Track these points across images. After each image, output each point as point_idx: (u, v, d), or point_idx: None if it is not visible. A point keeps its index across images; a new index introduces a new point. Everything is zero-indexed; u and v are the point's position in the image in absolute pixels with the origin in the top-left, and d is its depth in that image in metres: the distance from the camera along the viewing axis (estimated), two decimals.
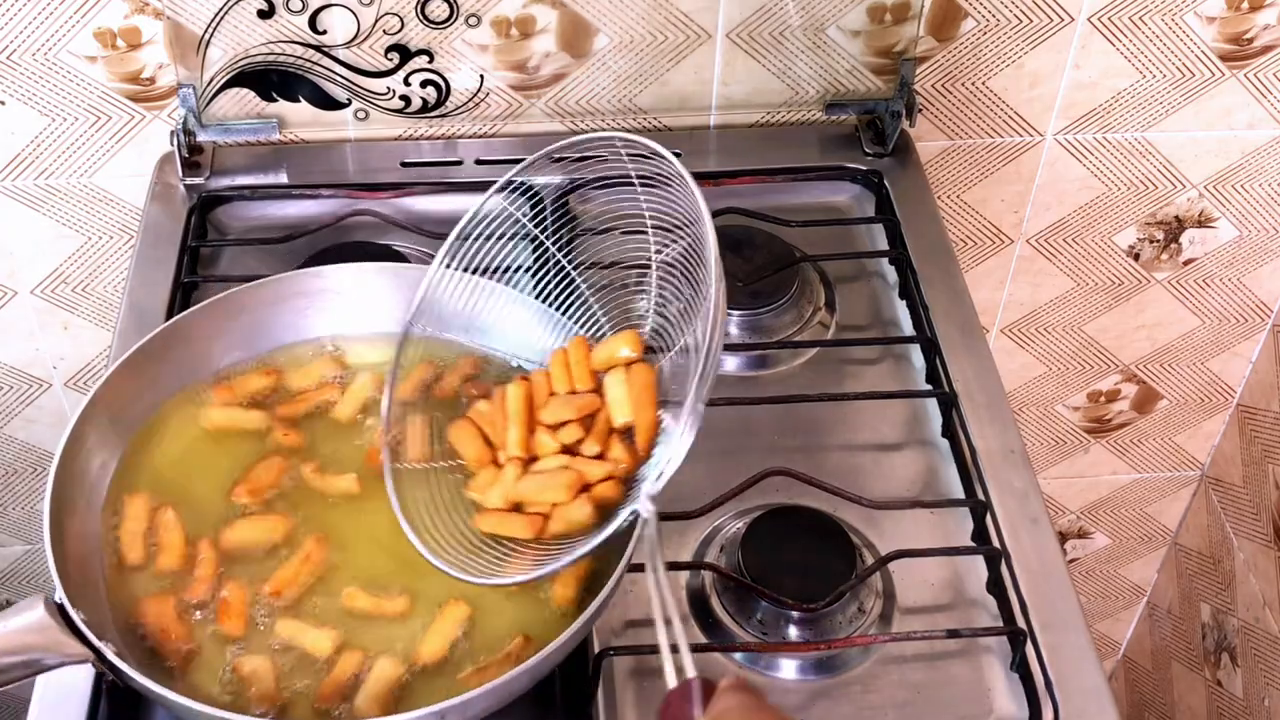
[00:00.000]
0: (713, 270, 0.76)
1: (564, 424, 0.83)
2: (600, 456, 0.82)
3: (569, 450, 0.83)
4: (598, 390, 0.84)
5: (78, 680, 0.85)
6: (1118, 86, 1.31)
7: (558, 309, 0.91)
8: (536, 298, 0.91)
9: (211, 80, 1.21)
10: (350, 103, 1.24)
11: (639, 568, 0.86)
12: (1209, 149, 1.37)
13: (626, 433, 0.83)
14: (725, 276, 1.12)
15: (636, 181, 0.85)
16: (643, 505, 0.75)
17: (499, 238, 0.91)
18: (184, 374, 0.91)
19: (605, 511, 0.80)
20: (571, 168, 0.89)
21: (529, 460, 0.84)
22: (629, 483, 0.81)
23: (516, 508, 0.82)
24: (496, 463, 0.85)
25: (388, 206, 1.18)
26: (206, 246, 1.17)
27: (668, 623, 0.69)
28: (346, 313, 0.95)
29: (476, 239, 0.91)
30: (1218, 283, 1.51)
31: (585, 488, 0.81)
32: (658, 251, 0.85)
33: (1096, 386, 1.62)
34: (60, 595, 0.75)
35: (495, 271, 0.92)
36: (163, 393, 0.90)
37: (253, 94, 1.22)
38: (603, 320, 0.89)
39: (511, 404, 0.85)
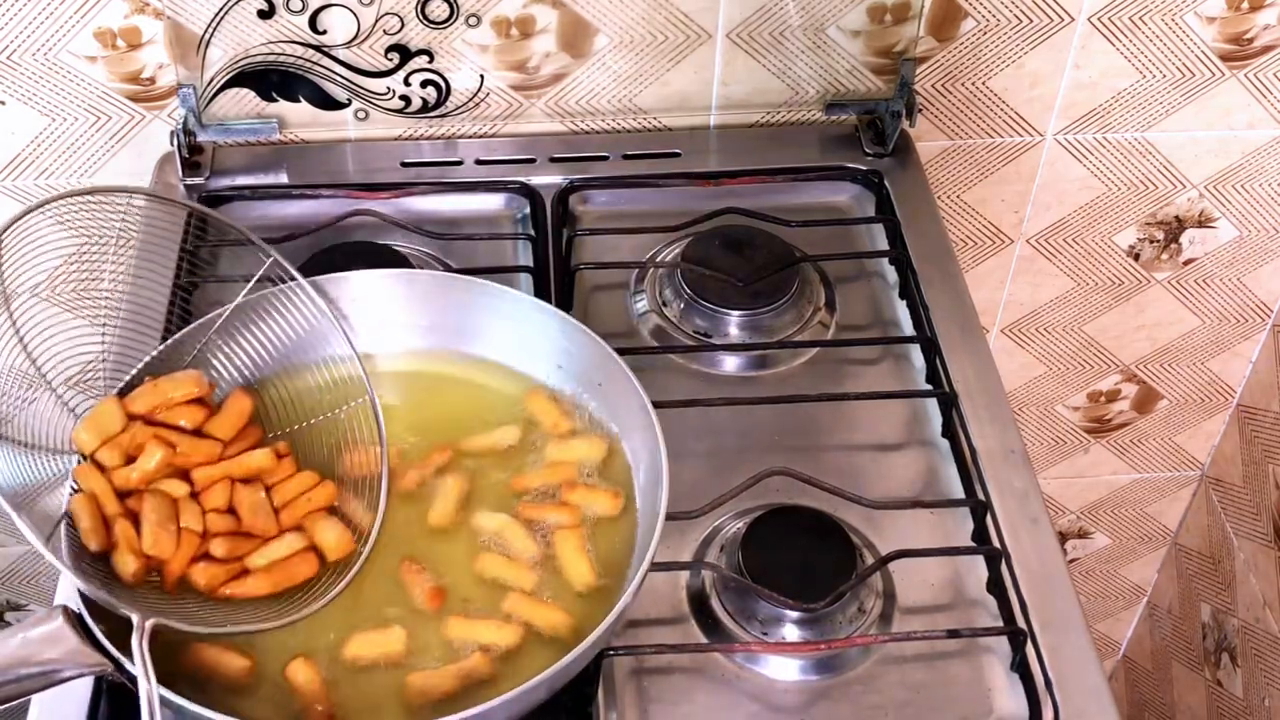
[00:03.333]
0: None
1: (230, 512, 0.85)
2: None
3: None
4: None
5: (78, 680, 0.85)
6: (1118, 86, 1.31)
7: None
8: None
9: (211, 80, 1.21)
10: (350, 103, 1.24)
11: (659, 569, 0.87)
12: (1209, 149, 1.37)
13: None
14: (726, 276, 1.13)
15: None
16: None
17: None
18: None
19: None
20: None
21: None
22: None
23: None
24: None
25: (388, 206, 1.18)
26: (206, 247, 1.17)
27: None
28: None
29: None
30: (1218, 283, 1.51)
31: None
32: None
33: (1096, 386, 1.62)
34: (78, 606, 0.75)
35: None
36: None
37: (253, 94, 1.22)
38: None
39: None
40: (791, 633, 0.91)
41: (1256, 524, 1.61)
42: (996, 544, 0.95)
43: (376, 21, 1.18)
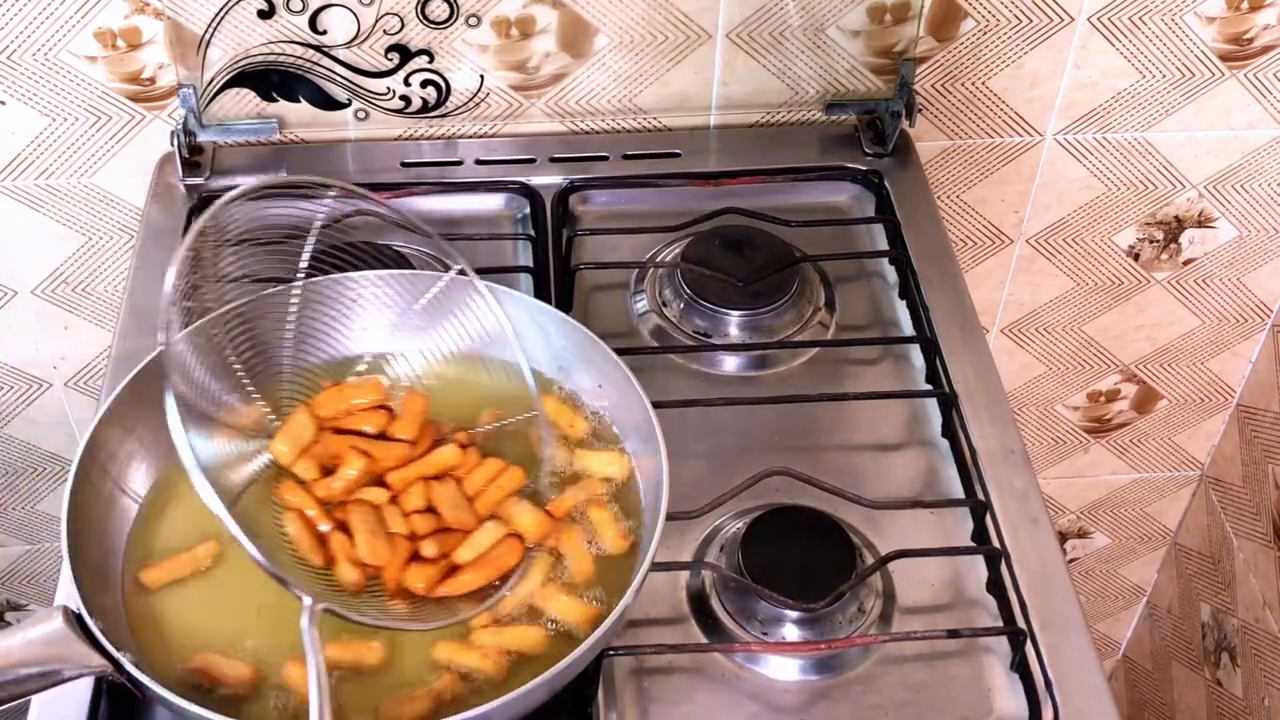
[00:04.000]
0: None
1: (430, 510, 0.85)
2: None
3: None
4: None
5: (78, 680, 0.85)
6: (1118, 86, 1.31)
7: None
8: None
9: (211, 80, 1.21)
10: (350, 103, 1.24)
11: (659, 569, 0.87)
12: (1209, 149, 1.37)
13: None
14: (726, 276, 1.12)
15: None
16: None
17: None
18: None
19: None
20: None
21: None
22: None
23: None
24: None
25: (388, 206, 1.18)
26: (206, 247, 1.17)
27: None
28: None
29: None
30: (1218, 283, 1.51)
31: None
32: None
33: (1096, 386, 1.62)
34: (78, 605, 0.75)
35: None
36: None
37: (253, 94, 1.22)
38: None
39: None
40: (791, 633, 0.91)
41: (1256, 524, 1.61)
42: (996, 544, 0.95)
43: (376, 21, 1.18)
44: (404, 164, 1.25)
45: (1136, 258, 1.47)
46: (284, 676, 0.78)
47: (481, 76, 1.23)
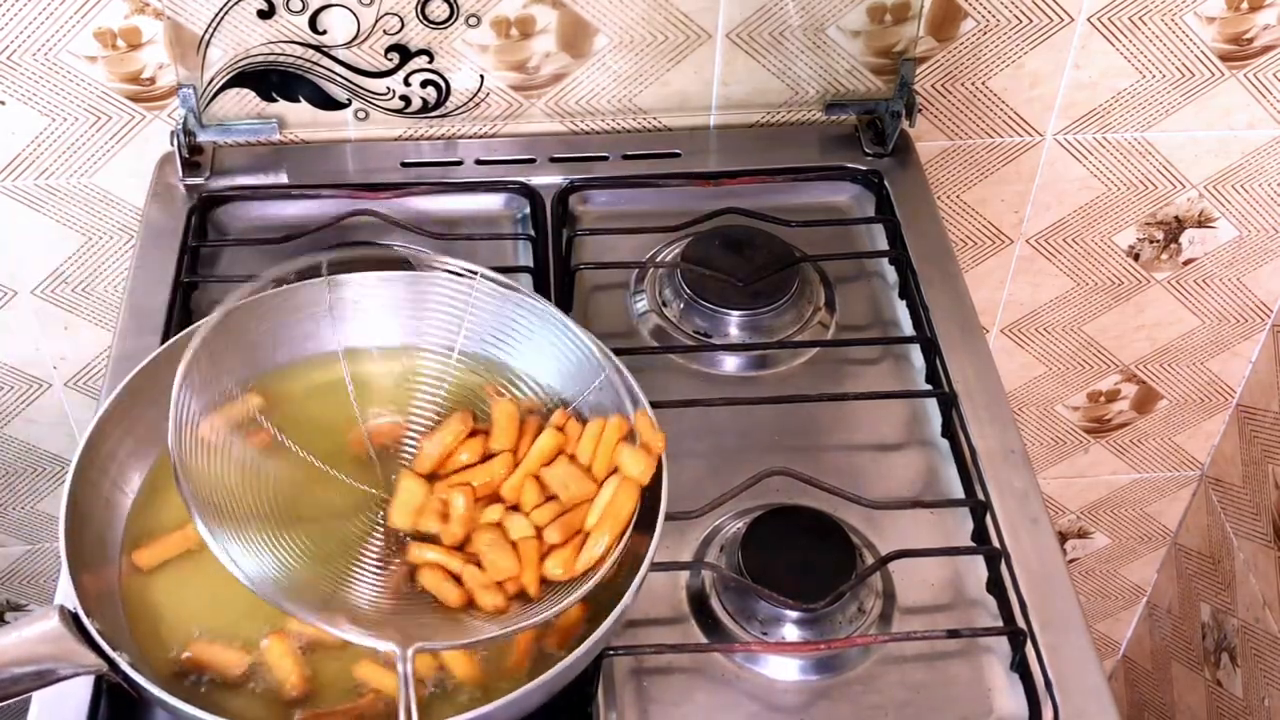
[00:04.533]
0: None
1: (549, 500, 0.85)
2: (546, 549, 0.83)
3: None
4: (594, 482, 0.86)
5: (79, 679, 0.85)
6: (1118, 86, 1.31)
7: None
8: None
9: (211, 80, 1.21)
10: (350, 103, 1.24)
11: (659, 569, 0.86)
12: (1209, 149, 1.37)
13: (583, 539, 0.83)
14: (726, 276, 1.12)
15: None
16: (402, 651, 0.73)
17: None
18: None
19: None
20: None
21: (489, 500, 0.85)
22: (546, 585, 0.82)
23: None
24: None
25: (388, 206, 1.18)
26: (207, 247, 1.17)
27: None
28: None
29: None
30: (1218, 283, 1.51)
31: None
32: None
33: (1096, 386, 1.62)
34: (75, 605, 0.75)
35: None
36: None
37: (253, 94, 1.22)
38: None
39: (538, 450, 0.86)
40: (791, 633, 0.91)
41: (1256, 524, 1.61)
42: (996, 544, 0.95)
43: (376, 21, 1.18)
44: (404, 164, 1.25)
45: (1136, 258, 1.47)
46: (265, 654, 0.79)
47: (481, 76, 1.23)
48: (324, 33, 1.19)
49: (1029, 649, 0.89)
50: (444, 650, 0.77)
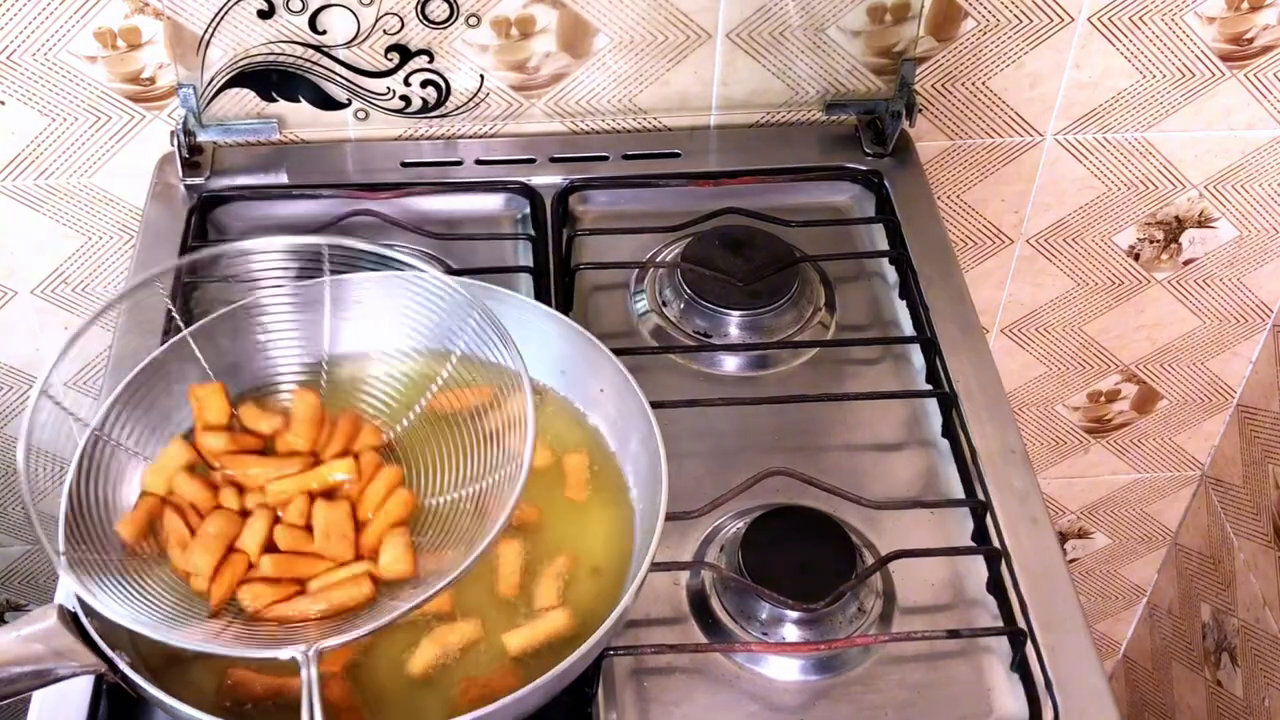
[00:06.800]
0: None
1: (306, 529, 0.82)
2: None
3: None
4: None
5: (79, 679, 0.85)
6: (1118, 86, 1.31)
7: None
8: None
9: (211, 80, 1.21)
10: (350, 103, 1.24)
11: (659, 569, 0.86)
12: (1209, 149, 1.37)
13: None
14: (726, 276, 1.12)
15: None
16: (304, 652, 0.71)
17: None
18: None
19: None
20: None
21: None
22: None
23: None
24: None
25: (388, 206, 1.18)
26: (207, 247, 1.17)
27: None
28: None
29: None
30: (1218, 283, 1.51)
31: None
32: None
33: (1096, 386, 1.62)
34: (74, 605, 0.75)
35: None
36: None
37: (253, 94, 1.22)
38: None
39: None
40: (791, 633, 0.91)
41: (1256, 524, 1.61)
42: (996, 544, 0.95)
43: (376, 21, 1.18)
44: (404, 164, 1.25)
45: (1137, 258, 1.47)
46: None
47: (481, 76, 1.23)
48: (324, 33, 1.19)
49: (1029, 649, 0.89)
50: (347, 642, 0.73)
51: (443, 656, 0.80)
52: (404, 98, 1.24)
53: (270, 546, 0.80)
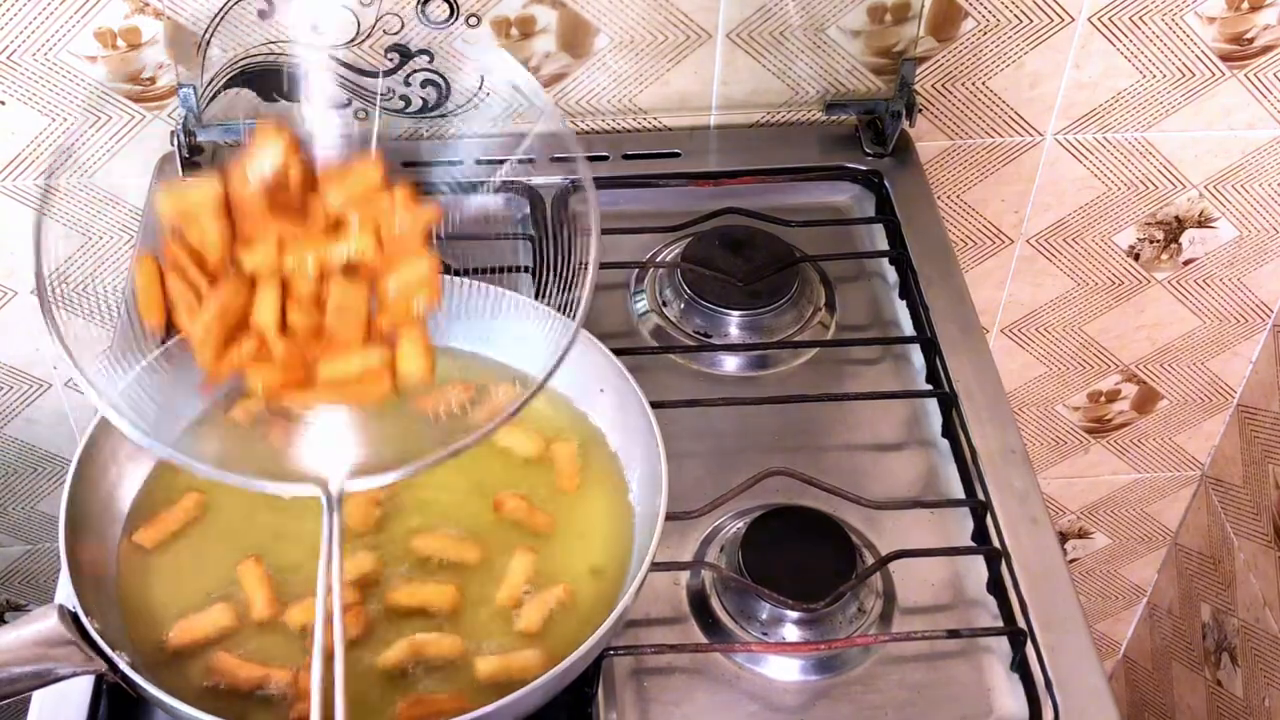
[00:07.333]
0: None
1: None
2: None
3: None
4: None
5: (79, 679, 0.85)
6: (1118, 86, 1.31)
7: None
8: None
9: (211, 80, 1.21)
10: (350, 103, 1.24)
11: (659, 569, 0.86)
12: (1209, 149, 1.37)
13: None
14: (726, 276, 1.12)
15: None
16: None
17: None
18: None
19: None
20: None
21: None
22: None
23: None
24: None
25: None
26: None
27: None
28: None
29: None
30: (1218, 283, 1.51)
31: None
32: None
33: (1096, 386, 1.62)
34: (74, 605, 0.75)
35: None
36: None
37: (253, 94, 1.22)
38: None
39: None
40: (791, 633, 0.91)
41: (1256, 524, 1.61)
42: (996, 544, 0.95)
43: (376, 21, 1.18)
44: (404, 164, 1.24)
45: (1137, 258, 1.47)
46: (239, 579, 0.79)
47: (482, 76, 1.23)
48: (324, 33, 1.18)
49: (1029, 649, 0.89)
50: (379, 485, 0.70)
51: (411, 661, 0.79)
52: (404, 98, 1.24)
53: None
